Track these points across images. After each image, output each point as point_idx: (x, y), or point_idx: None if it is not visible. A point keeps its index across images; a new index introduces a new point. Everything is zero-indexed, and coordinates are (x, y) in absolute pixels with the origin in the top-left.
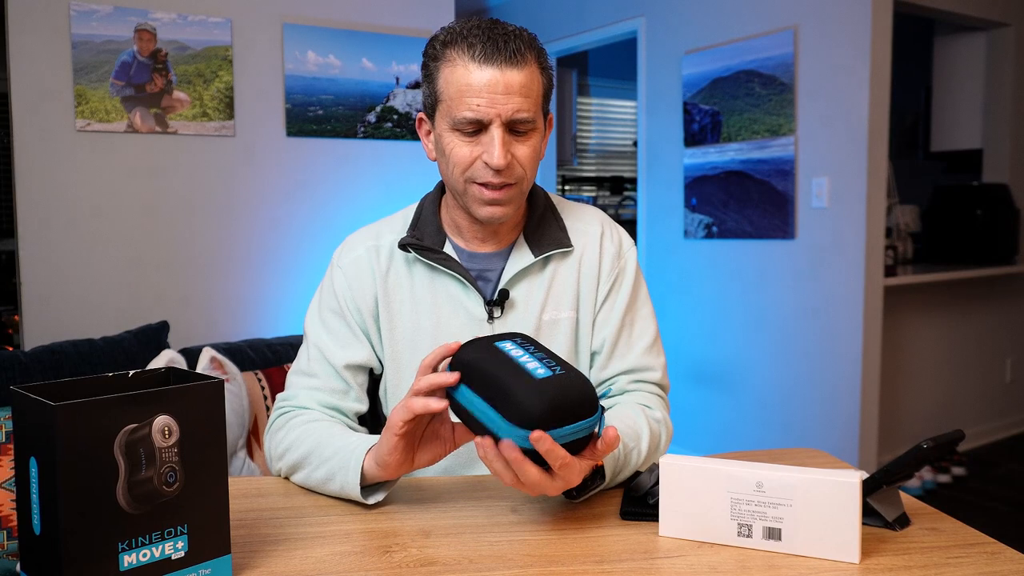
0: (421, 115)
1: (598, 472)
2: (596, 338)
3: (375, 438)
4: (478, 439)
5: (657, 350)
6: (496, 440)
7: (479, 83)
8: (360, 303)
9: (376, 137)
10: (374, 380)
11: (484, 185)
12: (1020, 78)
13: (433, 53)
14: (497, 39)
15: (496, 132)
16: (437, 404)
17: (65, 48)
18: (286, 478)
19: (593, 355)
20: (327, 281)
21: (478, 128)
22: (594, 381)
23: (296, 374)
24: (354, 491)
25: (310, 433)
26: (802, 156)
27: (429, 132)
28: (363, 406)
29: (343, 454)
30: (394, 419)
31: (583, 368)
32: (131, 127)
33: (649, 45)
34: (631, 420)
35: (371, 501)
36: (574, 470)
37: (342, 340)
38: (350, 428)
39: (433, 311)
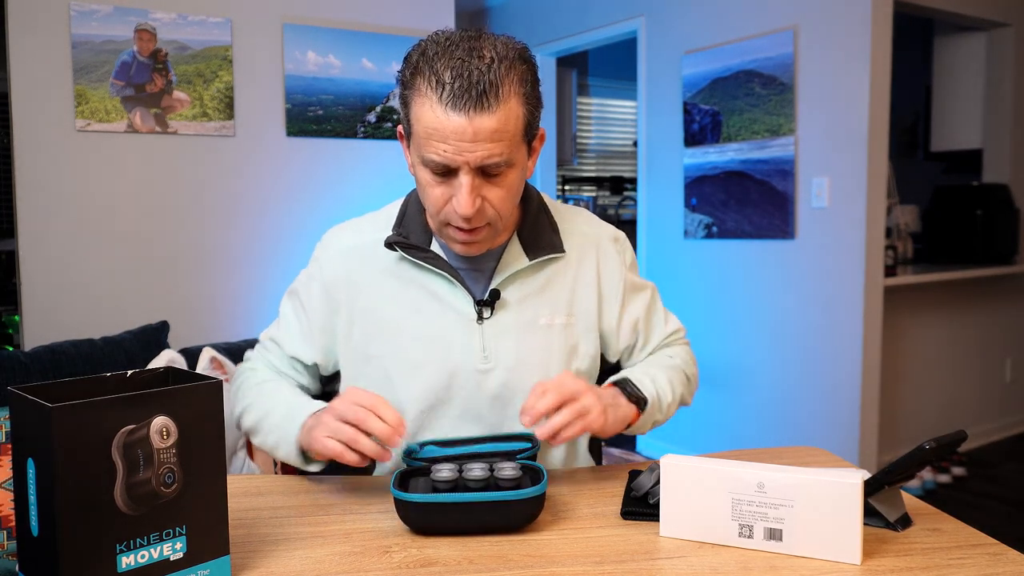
0: (400, 129)
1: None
2: (625, 332)
3: (312, 407)
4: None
5: (667, 311)
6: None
7: (446, 129)
8: (336, 304)
9: (376, 137)
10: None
11: (458, 228)
12: (1020, 78)
13: (405, 78)
14: (468, 78)
15: (464, 179)
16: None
17: (65, 48)
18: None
19: (624, 348)
20: (305, 276)
21: (447, 170)
22: (633, 363)
23: (264, 340)
24: (298, 462)
25: (260, 396)
26: (802, 156)
27: (408, 146)
28: (312, 390)
29: (283, 427)
30: (325, 448)
31: (580, 373)
32: (131, 127)
33: (649, 45)
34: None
35: (312, 469)
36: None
37: (299, 334)
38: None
39: (420, 311)
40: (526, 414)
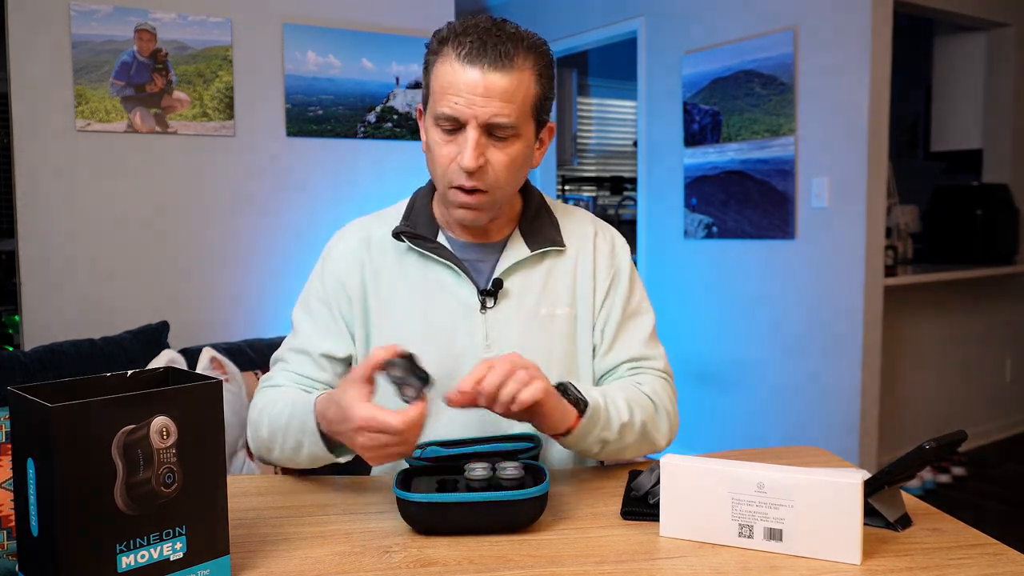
0: (419, 106)
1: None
2: (597, 332)
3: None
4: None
5: (656, 340)
6: None
7: (460, 82)
8: (349, 294)
9: (376, 137)
10: None
11: (459, 188)
12: (1020, 78)
13: (432, 47)
14: (488, 40)
15: (471, 134)
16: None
17: (65, 48)
18: (274, 463)
19: (594, 348)
20: (317, 270)
21: (456, 126)
22: (596, 371)
23: (277, 360)
24: (321, 451)
25: (272, 407)
26: (802, 156)
27: (424, 122)
28: None
29: (299, 420)
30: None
31: (581, 363)
32: (131, 127)
33: (649, 45)
34: (614, 389)
35: (343, 460)
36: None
37: (324, 329)
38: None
39: (425, 301)
40: (466, 390)
